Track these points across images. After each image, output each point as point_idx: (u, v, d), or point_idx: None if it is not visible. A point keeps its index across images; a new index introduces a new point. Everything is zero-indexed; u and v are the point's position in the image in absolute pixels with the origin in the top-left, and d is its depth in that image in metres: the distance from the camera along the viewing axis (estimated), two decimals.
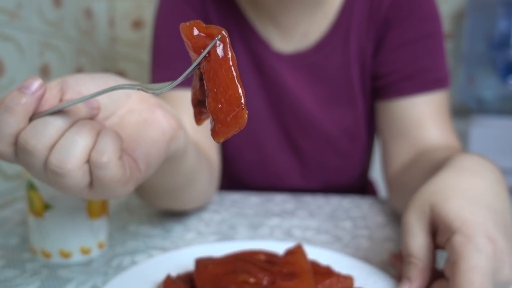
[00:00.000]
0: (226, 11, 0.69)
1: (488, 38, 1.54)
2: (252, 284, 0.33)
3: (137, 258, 0.46)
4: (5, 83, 0.77)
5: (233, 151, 0.72)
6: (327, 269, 0.38)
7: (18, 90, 0.28)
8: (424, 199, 0.36)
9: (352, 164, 0.73)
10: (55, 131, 0.28)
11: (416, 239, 0.36)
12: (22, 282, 0.40)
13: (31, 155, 0.28)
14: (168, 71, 0.66)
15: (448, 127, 0.63)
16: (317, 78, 0.68)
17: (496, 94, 1.54)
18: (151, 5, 1.32)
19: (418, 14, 0.63)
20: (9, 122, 0.28)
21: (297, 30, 0.68)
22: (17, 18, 0.80)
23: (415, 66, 0.63)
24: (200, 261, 0.37)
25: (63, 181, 0.29)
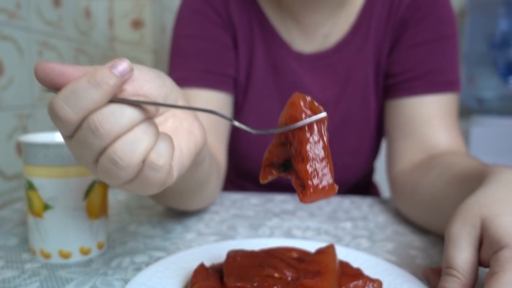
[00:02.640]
0: (249, 12, 0.69)
1: (489, 38, 1.54)
2: (275, 278, 0.35)
3: (137, 258, 0.46)
4: (4, 83, 0.76)
5: (243, 149, 0.72)
6: (357, 271, 0.38)
7: (109, 70, 0.28)
8: (474, 212, 0.35)
9: (359, 162, 0.73)
10: (129, 123, 0.28)
11: (464, 253, 0.34)
12: (21, 282, 0.40)
13: (97, 138, 0.28)
14: (185, 70, 0.66)
15: (456, 130, 0.64)
16: (336, 78, 0.69)
17: (496, 94, 1.54)
18: (151, 5, 1.32)
19: (435, 17, 0.64)
20: (94, 98, 0.28)
21: (320, 31, 0.68)
22: (16, 17, 0.80)
23: (427, 66, 0.64)
24: (231, 253, 0.39)
25: (117, 171, 0.29)
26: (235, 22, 0.69)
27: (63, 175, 0.43)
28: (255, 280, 0.34)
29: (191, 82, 0.66)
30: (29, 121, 0.85)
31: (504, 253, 0.31)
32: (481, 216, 0.34)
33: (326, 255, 0.39)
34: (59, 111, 0.28)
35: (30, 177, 0.44)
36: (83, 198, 0.44)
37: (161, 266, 0.39)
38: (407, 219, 0.61)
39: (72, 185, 0.43)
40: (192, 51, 0.67)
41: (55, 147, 0.42)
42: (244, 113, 0.71)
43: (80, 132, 0.29)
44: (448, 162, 0.54)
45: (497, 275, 0.30)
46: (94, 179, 0.45)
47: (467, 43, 1.60)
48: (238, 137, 0.72)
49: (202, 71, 0.66)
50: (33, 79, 0.86)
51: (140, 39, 1.33)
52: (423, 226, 0.57)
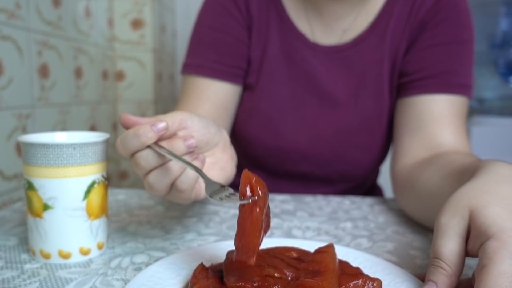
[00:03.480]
0: (268, 3, 0.72)
1: (489, 38, 1.54)
2: (275, 278, 0.35)
3: (137, 259, 0.46)
4: (3, 83, 0.76)
5: (252, 134, 0.73)
6: (357, 270, 0.38)
7: (150, 126, 0.39)
8: (463, 203, 0.35)
9: (368, 158, 0.73)
10: (154, 164, 0.40)
11: (451, 243, 0.35)
12: (21, 283, 0.40)
13: (138, 168, 0.41)
14: (200, 58, 0.71)
15: (463, 132, 0.64)
16: (350, 71, 0.71)
17: (497, 94, 1.54)
18: (150, 5, 1.32)
19: (454, 21, 0.66)
20: (135, 144, 0.39)
21: (340, 25, 0.71)
22: (16, 17, 0.80)
23: (442, 67, 0.65)
24: (230, 252, 0.39)
25: (152, 191, 0.42)
26: (253, 13, 0.72)
27: (63, 175, 0.43)
28: (255, 280, 0.34)
29: (204, 70, 0.71)
30: (29, 121, 0.85)
31: (491, 244, 0.31)
32: (469, 207, 0.35)
33: (325, 254, 0.39)
34: (117, 146, 0.41)
35: (30, 177, 0.44)
36: (83, 198, 0.44)
37: (160, 267, 0.40)
38: (406, 215, 0.62)
39: (71, 185, 0.43)
40: (209, 41, 0.72)
41: (54, 147, 0.42)
42: (255, 98, 0.73)
43: (131, 162, 0.42)
44: (446, 159, 0.55)
45: (486, 268, 0.31)
46: (93, 179, 0.45)
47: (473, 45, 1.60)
48: (248, 122, 0.73)
49: (215, 61, 0.71)
50: (32, 79, 0.86)
51: (140, 38, 1.33)
52: (421, 222, 0.57)
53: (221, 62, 0.71)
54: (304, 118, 0.72)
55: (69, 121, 1.02)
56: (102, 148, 0.46)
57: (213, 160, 0.49)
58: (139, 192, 0.74)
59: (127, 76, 1.34)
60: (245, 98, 0.74)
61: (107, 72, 1.26)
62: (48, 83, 0.92)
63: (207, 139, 0.47)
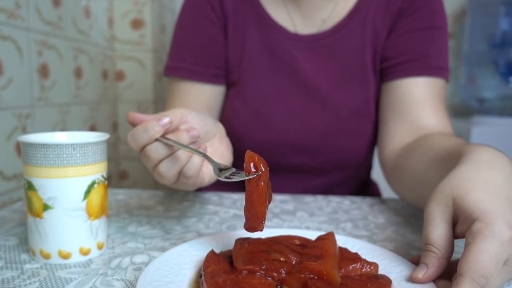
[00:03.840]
0: (244, 1, 0.74)
1: (489, 38, 1.54)
2: (281, 262, 0.39)
3: (137, 259, 0.46)
4: (3, 83, 0.76)
5: (240, 130, 0.73)
6: (355, 255, 0.41)
7: (157, 121, 0.44)
8: (446, 192, 0.38)
9: (358, 144, 0.73)
10: (164, 155, 0.45)
11: (438, 229, 0.37)
12: (21, 283, 0.40)
13: (149, 160, 0.45)
14: (179, 61, 0.74)
15: (444, 113, 0.68)
16: (332, 58, 0.72)
17: (497, 94, 1.54)
18: (150, 4, 1.32)
19: (429, 8, 0.70)
20: (144, 138, 0.44)
21: (319, 16, 0.73)
22: (16, 17, 0.80)
23: (421, 51, 0.68)
24: (239, 240, 0.43)
25: (162, 179, 0.47)
26: (227, 12, 0.73)
27: (63, 175, 0.43)
28: (263, 264, 0.38)
29: (183, 73, 0.73)
30: (29, 121, 0.85)
31: (476, 225, 0.34)
32: (452, 195, 0.38)
33: (326, 241, 0.42)
34: (128, 142, 0.45)
35: (30, 177, 0.44)
36: (83, 198, 0.44)
37: (173, 254, 0.42)
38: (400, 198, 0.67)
39: (71, 185, 0.43)
40: (186, 44, 0.74)
41: (54, 147, 0.42)
42: (240, 94, 0.74)
43: (141, 155, 0.46)
44: (429, 143, 0.58)
45: (469, 245, 0.34)
46: (93, 179, 0.45)
47: (468, 43, 1.60)
48: (235, 119, 0.74)
49: (193, 63, 0.73)
50: (32, 79, 0.86)
51: (140, 38, 1.33)
52: (414, 206, 0.61)
53: (199, 63, 0.73)
54: (290, 109, 0.72)
55: (69, 121, 1.02)
56: (102, 148, 0.46)
57: (212, 150, 0.54)
58: (139, 192, 0.74)
59: (127, 76, 1.34)
60: (230, 95, 0.75)
61: (107, 72, 1.26)
62: (48, 83, 0.92)
63: (206, 130, 0.52)
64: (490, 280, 0.32)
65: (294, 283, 0.36)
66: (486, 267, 0.32)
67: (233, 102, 0.74)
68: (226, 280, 0.35)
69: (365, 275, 0.38)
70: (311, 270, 0.37)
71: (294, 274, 0.37)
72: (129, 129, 1.36)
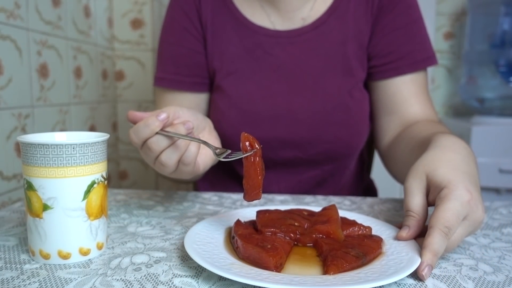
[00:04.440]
0: (219, 7, 0.77)
1: (490, 38, 1.54)
2: (296, 226, 0.49)
3: (136, 259, 0.46)
4: (3, 83, 0.76)
5: (229, 132, 0.74)
6: (353, 221, 0.52)
7: (156, 117, 0.48)
8: (420, 169, 0.49)
9: (347, 132, 0.74)
10: (165, 145, 0.49)
11: (416, 198, 0.48)
12: (21, 283, 0.40)
13: (151, 152, 0.50)
14: (162, 72, 0.78)
15: (428, 102, 0.76)
16: (314, 52, 0.74)
17: (497, 94, 1.54)
18: (150, 4, 1.31)
19: (404, 3, 0.74)
20: (146, 132, 0.49)
21: (298, 15, 0.75)
22: (15, 17, 0.80)
23: (406, 48, 0.74)
24: (260, 211, 0.52)
25: (163, 168, 0.51)
26: (205, 20, 0.76)
27: (62, 176, 0.43)
28: (282, 227, 0.48)
29: (166, 83, 0.78)
30: (28, 121, 0.85)
31: (443, 192, 0.45)
32: (425, 171, 0.48)
33: (330, 210, 0.52)
34: (131, 137, 0.50)
35: (29, 177, 0.43)
36: (82, 199, 0.44)
37: (206, 223, 0.52)
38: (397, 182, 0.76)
39: (71, 185, 0.43)
40: (167, 55, 0.78)
41: (54, 147, 0.42)
42: (225, 97, 0.75)
43: (143, 149, 0.51)
44: (412, 133, 0.67)
45: (438, 206, 0.44)
46: (93, 180, 0.45)
47: (468, 42, 1.60)
48: (223, 121, 0.75)
49: (174, 73, 0.77)
50: (31, 79, 0.86)
51: (140, 38, 1.33)
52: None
53: (179, 73, 0.77)
54: (277, 106, 0.73)
55: (68, 121, 1.02)
56: (102, 148, 0.46)
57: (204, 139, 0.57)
58: (139, 192, 0.74)
59: (127, 76, 1.34)
60: (216, 98, 0.77)
61: (106, 72, 1.26)
62: (47, 83, 0.92)
63: (197, 124, 0.58)
64: (452, 230, 0.43)
65: (307, 241, 0.47)
66: (449, 221, 0.42)
67: (219, 105, 0.76)
68: (256, 238, 0.45)
69: (362, 235, 0.49)
70: (320, 231, 0.47)
71: (306, 234, 0.47)
72: (129, 129, 1.36)
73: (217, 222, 0.53)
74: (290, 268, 0.42)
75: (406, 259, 0.42)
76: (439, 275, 0.43)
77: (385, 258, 0.43)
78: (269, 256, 0.41)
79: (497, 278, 0.42)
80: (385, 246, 0.46)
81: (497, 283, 0.41)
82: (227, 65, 0.75)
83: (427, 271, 0.41)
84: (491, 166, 1.37)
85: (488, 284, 0.41)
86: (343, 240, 0.47)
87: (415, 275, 0.42)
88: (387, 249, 0.46)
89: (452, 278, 0.42)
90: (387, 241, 0.48)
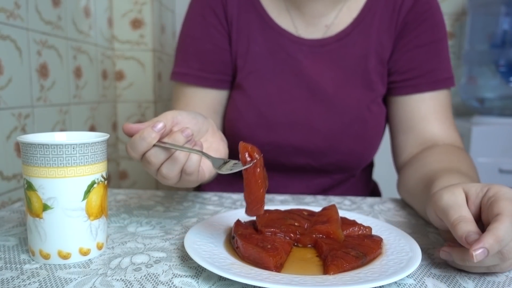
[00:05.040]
0: (247, 6, 0.75)
1: (490, 38, 1.54)
2: (296, 226, 0.49)
3: (136, 259, 0.46)
4: (2, 83, 0.76)
5: (245, 132, 0.74)
6: (353, 221, 0.52)
7: (151, 128, 0.46)
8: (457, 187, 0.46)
9: (362, 146, 0.74)
10: (164, 157, 0.47)
11: (463, 207, 0.43)
12: (21, 283, 0.40)
13: (151, 165, 0.48)
14: (185, 67, 0.76)
15: (449, 122, 0.73)
16: (335, 64, 0.73)
17: (497, 94, 1.54)
18: (150, 4, 1.31)
19: (431, 21, 0.73)
20: (143, 146, 0.46)
21: (322, 22, 0.74)
22: (15, 17, 0.80)
23: (427, 66, 0.72)
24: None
25: (166, 180, 0.49)
26: (232, 18, 0.75)
27: (62, 176, 0.43)
28: (282, 227, 0.48)
29: (189, 78, 0.76)
30: (28, 121, 0.85)
31: (491, 191, 0.43)
32: (460, 186, 0.45)
33: (330, 210, 0.51)
34: (128, 152, 0.48)
35: (29, 177, 0.43)
36: (82, 199, 0.44)
37: (206, 223, 0.51)
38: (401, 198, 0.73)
39: (71, 185, 0.43)
40: (192, 50, 0.76)
41: (54, 147, 0.42)
42: (245, 96, 0.74)
43: (143, 162, 0.48)
44: (423, 161, 0.66)
45: (497, 199, 0.41)
46: (93, 180, 0.45)
47: (468, 42, 1.60)
48: (240, 120, 0.74)
49: (198, 69, 0.75)
50: (31, 79, 0.86)
51: (140, 38, 1.33)
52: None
53: (204, 70, 0.75)
54: (295, 112, 0.73)
55: (68, 121, 1.02)
56: (102, 148, 0.46)
57: (207, 145, 0.56)
58: (139, 192, 0.74)
59: (127, 76, 1.34)
60: (235, 97, 0.76)
61: (106, 72, 1.26)
62: (47, 83, 0.92)
63: (198, 127, 0.54)
64: None
65: (307, 241, 0.47)
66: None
67: (237, 104, 0.75)
68: (256, 238, 0.44)
69: (362, 235, 0.49)
70: (320, 231, 0.47)
71: (306, 234, 0.47)
72: None
73: (217, 222, 0.53)
74: (290, 268, 0.42)
75: (406, 259, 0.42)
76: (439, 275, 0.43)
77: (385, 258, 0.43)
78: (269, 256, 0.41)
79: (497, 278, 0.42)
80: (385, 246, 0.46)
81: (497, 283, 0.41)
82: (249, 64, 0.74)
83: (479, 253, 0.37)
84: (491, 166, 1.37)
85: (488, 284, 0.41)
86: (343, 240, 0.47)
87: (415, 275, 0.42)
88: (387, 249, 0.46)
89: (452, 278, 0.42)
90: (387, 241, 0.48)
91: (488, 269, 0.41)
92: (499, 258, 0.39)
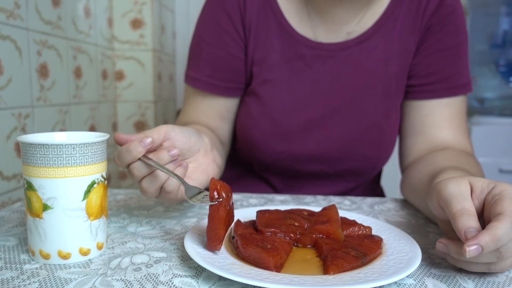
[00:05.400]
0: (266, 12, 0.73)
1: (490, 38, 1.54)
2: (296, 226, 0.49)
3: (136, 259, 0.46)
4: (2, 83, 0.76)
5: (259, 139, 0.73)
6: (353, 221, 0.52)
7: (138, 142, 0.46)
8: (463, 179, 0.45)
9: (376, 153, 0.74)
10: (145, 172, 0.48)
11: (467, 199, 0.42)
12: (21, 283, 0.40)
13: (133, 177, 0.49)
14: (197, 72, 0.75)
15: (463, 129, 0.72)
16: (355, 69, 0.71)
17: (497, 94, 1.54)
18: (150, 4, 1.31)
19: (454, 24, 0.71)
20: (128, 158, 0.47)
21: (344, 29, 0.72)
22: (15, 17, 0.80)
23: (448, 71, 0.71)
24: (259, 211, 0.52)
25: (145, 194, 0.50)
26: (250, 25, 0.73)
27: (62, 176, 0.43)
28: (282, 227, 0.48)
29: (200, 84, 0.75)
30: (28, 121, 0.85)
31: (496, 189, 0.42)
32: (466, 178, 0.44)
33: (330, 210, 0.52)
34: (115, 161, 0.49)
35: (29, 177, 0.43)
36: (82, 199, 0.44)
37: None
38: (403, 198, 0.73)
39: (71, 185, 0.43)
40: (204, 56, 0.75)
41: (54, 147, 0.42)
42: (259, 104, 0.73)
43: (127, 171, 0.49)
44: (433, 159, 0.65)
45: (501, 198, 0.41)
46: (93, 180, 0.45)
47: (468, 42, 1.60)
48: (254, 128, 0.74)
49: (209, 76, 0.74)
50: (31, 79, 0.86)
51: (140, 38, 1.33)
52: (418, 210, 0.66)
53: (215, 77, 0.74)
54: (310, 120, 0.72)
55: (68, 121, 1.02)
56: (102, 148, 0.46)
57: (196, 165, 0.55)
58: (138, 192, 0.74)
59: (127, 76, 1.34)
60: (250, 103, 0.74)
61: (106, 72, 1.26)
62: (47, 83, 0.92)
63: (189, 146, 0.54)
64: None
65: (307, 241, 0.47)
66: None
67: (251, 111, 0.74)
68: (256, 238, 0.45)
69: (362, 235, 0.49)
70: (320, 231, 0.47)
71: (306, 234, 0.47)
72: (128, 130, 1.36)
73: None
74: (290, 268, 0.42)
75: (406, 259, 0.42)
76: (439, 275, 0.43)
77: (385, 258, 0.43)
78: (269, 256, 0.41)
79: (497, 278, 0.42)
80: (385, 246, 0.46)
81: (497, 283, 0.41)
82: (265, 72, 0.72)
83: (473, 250, 0.37)
84: (491, 166, 1.37)
85: (488, 284, 0.41)
86: (343, 240, 0.47)
87: (415, 275, 0.42)
88: (387, 249, 0.46)
89: (452, 278, 0.42)
90: (387, 241, 0.48)
91: (487, 269, 0.41)
92: (496, 257, 0.39)
